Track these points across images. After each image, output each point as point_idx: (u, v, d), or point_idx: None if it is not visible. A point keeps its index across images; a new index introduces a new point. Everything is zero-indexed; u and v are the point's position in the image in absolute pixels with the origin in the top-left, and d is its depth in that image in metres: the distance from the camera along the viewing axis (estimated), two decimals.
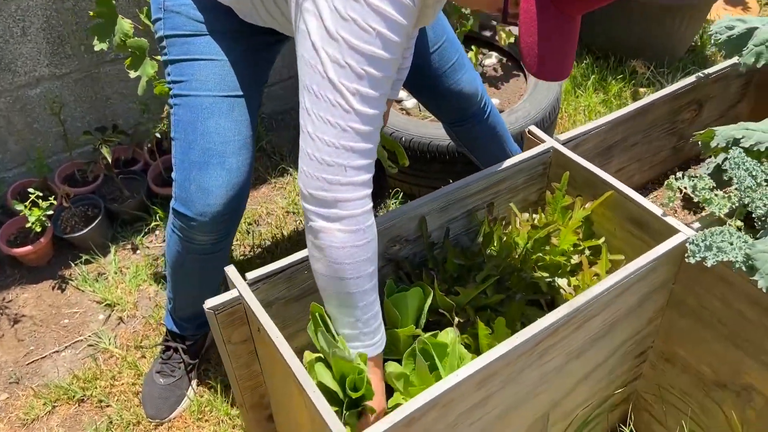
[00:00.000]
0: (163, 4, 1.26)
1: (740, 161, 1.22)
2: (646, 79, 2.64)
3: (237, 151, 1.28)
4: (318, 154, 0.93)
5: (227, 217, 1.32)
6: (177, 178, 1.30)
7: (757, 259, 1.08)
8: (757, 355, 1.17)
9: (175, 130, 1.30)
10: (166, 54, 1.28)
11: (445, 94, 1.60)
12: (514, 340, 1.03)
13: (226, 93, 1.27)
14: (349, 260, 0.98)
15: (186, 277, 1.47)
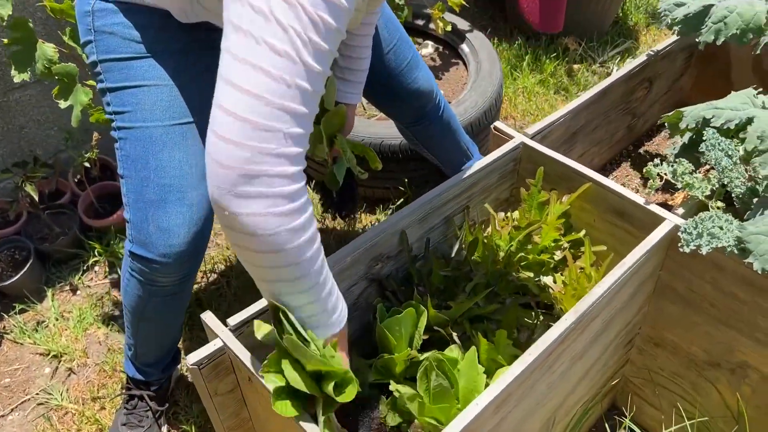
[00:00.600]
0: (93, 24, 1.12)
1: (715, 141, 1.21)
2: (578, 55, 2.66)
3: (196, 183, 1.17)
4: (251, 116, 0.73)
5: (192, 255, 1.21)
6: (132, 218, 1.18)
7: (749, 241, 1.08)
8: (751, 333, 1.18)
9: (124, 167, 1.16)
10: (103, 81, 1.15)
11: (402, 93, 1.53)
12: (527, 357, 0.99)
13: (176, 121, 1.15)
14: (287, 245, 0.80)
15: (149, 322, 1.34)
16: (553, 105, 2.44)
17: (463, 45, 2.28)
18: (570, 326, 1.03)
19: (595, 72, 2.61)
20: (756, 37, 1.32)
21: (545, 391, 1.12)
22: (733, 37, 1.32)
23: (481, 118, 2.00)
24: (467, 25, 2.34)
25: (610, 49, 2.71)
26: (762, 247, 1.07)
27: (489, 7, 2.98)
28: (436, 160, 1.81)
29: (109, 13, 1.11)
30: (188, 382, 1.64)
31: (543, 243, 1.32)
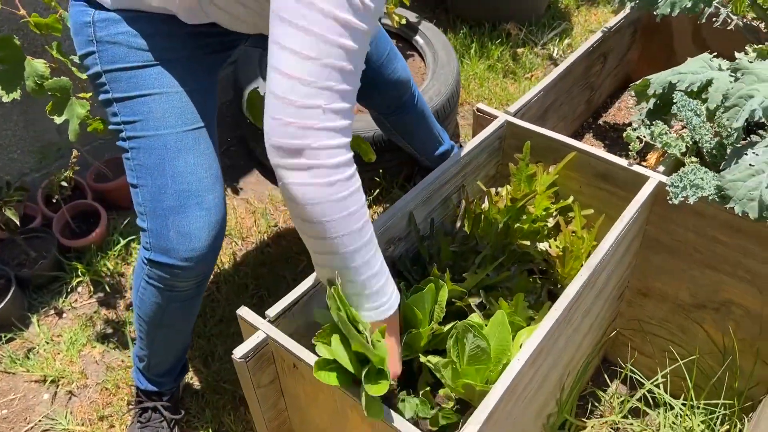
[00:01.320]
0: (94, 35, 1.12)
1: (685, 103, 1.33)
2: (520, 39, 2.79)
3: (211, 186, 1.19)
4: (292, 96, 0.81)
5: (211, 257, 1.23)
6: (150, 227, 1.18)
7: (728, 188, 1.20)
8: (734, 272, 1.31)
9: (138, 176, 1.17)
10: (108, 91, 1.15)
11: (382, 85, 1.59)
12: (554, 313, 1.07)
13: (188, 127, 1.16)
14: (329, 217, 0.87)
15: (166, 329, 1.35)
16: (505, 88, 2.56)
17: (417, 37, 2.36)
18: (585, 281, 1.12)
19: (537, 54, 2.75)
20: (705, 7, 1.45)
21: (563, 346, 1.20)
22: (687, 8, 1.45)
23: (445, 104, 2.08)
24: (416, 17, 2.42)
25: (548, 32, 2.85)
26: (740, 192, 1.19)
27: (428, 1, 3.08)
28: (411, 148, 1.88)
29: (111, 23, 1.12)
30: (195, 389, 1.64)
31: (536, 212, 1.41)
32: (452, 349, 1.15)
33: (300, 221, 0.89)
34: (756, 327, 1.34)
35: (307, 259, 1.92)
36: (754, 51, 1.43)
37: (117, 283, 1.89)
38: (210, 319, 1.79)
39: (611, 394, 1.56)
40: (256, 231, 2.04)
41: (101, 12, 1.12)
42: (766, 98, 1.22)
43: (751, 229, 1.23)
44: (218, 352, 1.70)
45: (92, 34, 1.13)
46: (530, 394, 1.13)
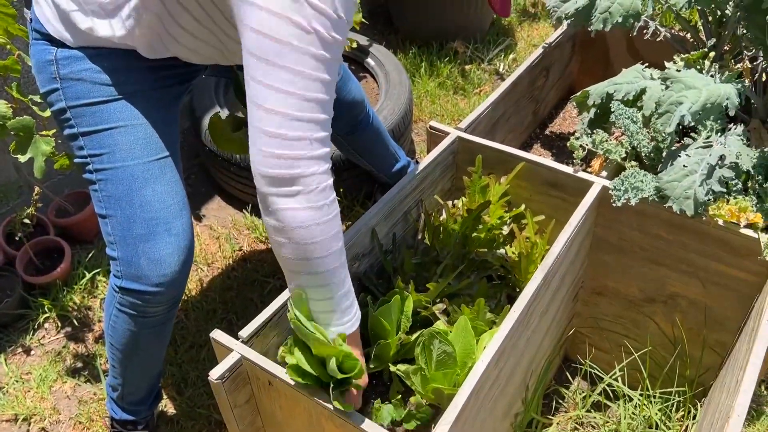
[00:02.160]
0: (58, 72, 1.16)
1: (622, 111, 1.43)
2: (467, 57, 2.89)
3: (179, 213, 1.23)
4: (279, 130, 0.89)
5: (181, 282, 1.27)
6: (121, 255, 1.21)
7: (666, 189, 1.30)
8: (677, 267, 1.40)
9: (107, 207, 1.20)
10: (74, 126, 1.19)
11: (338, 106, 1.64)
12: (513, 314, 1.14)
13: (154, 157, 1.21)
14: (317, 239, 0.95)
15: (139, 356, 1.37)
16: (456, 104, 2.65)
17: (368, 59, 2.43)
18: (540, 283, 1.20)
19: (485, 70, 2.86)
20: (635, 21, 1.56)
21: (524, 346, 1.27)
22: (618, 23, 1.56)
23: (399, 123, 2.15)
24: (366, 40, 2.50)
25: (494, 48, 2.97)
26: (677, 192, 1.28)
27: (377, 23, 3.17)
28: (369, 166, 1.94)
29: (74, 60, 1.15)
30: (170, 416, 1.66)
31: (492, 221, 1.49)
32: (420, 356, 1.21)
33: (284, 247, 0.96)
34: (701, 316, 1.43)
35: (274, 280, 1.96)
36: (681, 60, 1.54)
37: (84, 317, 1.89)
38: (180, 346, 1.80)
39: (574, 390, 1.64)
40: (221, 256, 2.07)
41: (63, 50, 1.16)
42: (693, 104, 1.32)
43: (690, 225, 1.32)
44: (191, 378, 1.72)
45: (55, 72, 1.16)
46: (496, 394, 1.19)
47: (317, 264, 0.97)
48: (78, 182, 2.16)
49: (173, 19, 1.12)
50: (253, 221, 2.16)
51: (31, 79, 1.85)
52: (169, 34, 1.15)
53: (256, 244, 2.12)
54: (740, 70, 1.47)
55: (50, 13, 1.17)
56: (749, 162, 1.31)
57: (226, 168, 2.14)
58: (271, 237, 0.98)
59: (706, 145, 1.33)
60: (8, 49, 1.38)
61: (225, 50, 1.21)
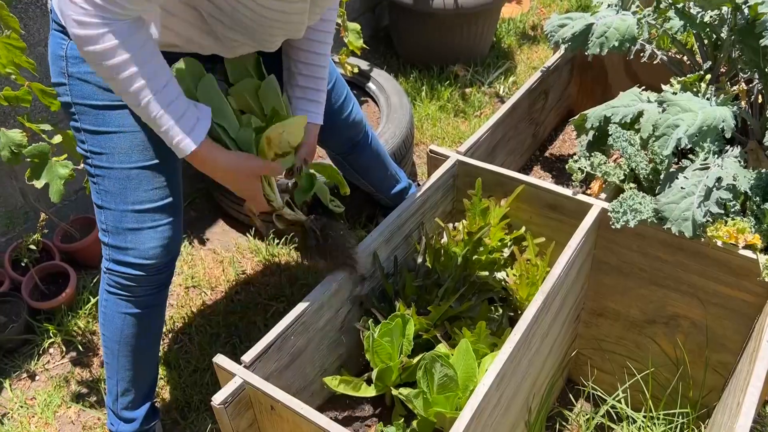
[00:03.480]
0: (66, 69, 1.22)
1: (619, 134, 1.44)
2: (467, 80, 2.93)
3: (169, 213, 1.31)
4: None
5: (167, 267, 1.36)
6: (111, 241, 1.31)
7: (664, 210, 1.31)
8: (677, 287, 1.41)
9: (103, 199, 1.29)
10: (77, 120, 1.25)
11: (340, 126, 1.68)
12: (514, 337, 1.14)
13: (150, 162, 1.27)
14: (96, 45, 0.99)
15: (132, 344, 1.42)
16: (456, 127, 2.68)
17: (369, 83, 2.46)
18: (540, 305, 1.20)
19: (485, 93, 2.89)
20: (631, 45, 1.59)
21: (525, 369, 1.28)
22: (614, 47, 1.58)
23: (401, 146, 2.17)
24: (367, 65, 2.53)
25: (494, 71, 3.00)
26: (675, 213, 1.29)
27: (378, 47, 3.21)
28: (370, 187, 1.96)
29: (82, 61, 1.20)
30: None
31: (492, 244, 1.50)
32: (422, 380, 1.22)
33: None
34: (702, 337, 1.44)
35: (278, 304, 1.97)
36: (678, 83, 1.56)
37: (89, 342, 1.90)
38: (184, 369, 1.81)
39: (577, 412, 1.63)
40: (225, 280, 2.08)
41: (74, 49, 1.20)
42: (689, 126, 1.33)
43: (689, 247, 1.33)
44: (194, 402, 1.73)
45: (65, 68, 1.22)
46: (498, 417, 1.19)
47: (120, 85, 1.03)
48: (83, 208, 2.18)
49: None
50: (256, 245, 2.18)
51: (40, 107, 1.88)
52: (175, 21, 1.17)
53: (260, 267, 2.13)
54: (736, 93, 1.49)
55: None
56: (746, 183, 1.33)
57: (230, 192, 2.16)
58: None
59: (704, 167, 1.35)
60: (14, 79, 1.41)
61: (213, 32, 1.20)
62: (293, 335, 1.21)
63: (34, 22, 1.81)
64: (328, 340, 1.32)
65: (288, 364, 1.23)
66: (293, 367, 1.25)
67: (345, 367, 1.41)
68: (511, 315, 1.48)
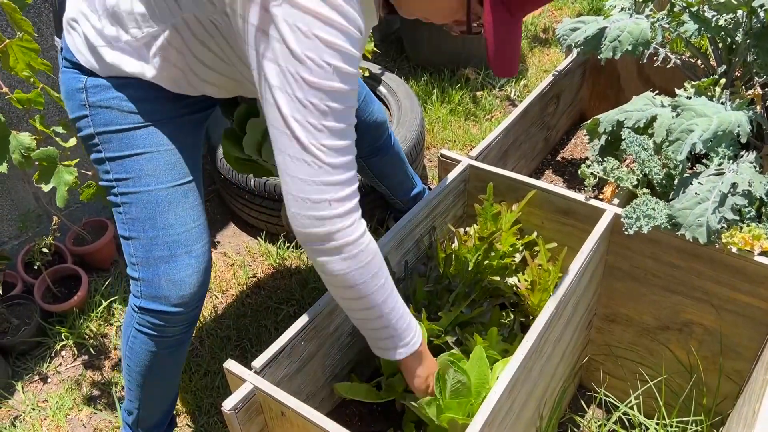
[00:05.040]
0: (87, 100, 1.20)
1: (633, 139, 1.43)
2: (479, 83, 2.92)
3: (199, 236, 1.27)
4: (302, 195, 0.97)
5: (199, 302, 1.30)
6: (142, 276, 1.25)
7: (678, 216, 1.30)
8: (691, 294, 1.39)
9: (130, 230, 1.24)
10: (101, 151, 1.23)
11: (361, 127, 1.66)
12: (526, 344, 1.13)
13: (178, 182, 1.25)
14: (359, 281, 1.04)
15: (156, 378, 1.39)
16: (467, 130, 2.67)
17: (380, 87, 2.46)
18: (552, 311, 1.19)
19: (496, 96, 2.88)
20: (644, 49, 1.58)
21: (537, 375, 1.27)
22: (627, 51, 1.57)
23: (411, 149, 2.17)
24: (379, 68, 2.53)
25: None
26: (689, 219, 1.28)
27: (389, 50, 3.21)
28: (387, 190, 1.95)
29: (103, 89, 1.19)
30: None
31: (504, 249, 1.49)
32: (435, 386, 1.21)
33: (334, 288, 1.07)
34: (716, 344, 1.42)
35: (288, 307, 1.97)
36: (692, 87, 1.54)
37: (101, 345, 1.91)
38: (195, 373, 1.81)
39: (589, 419, 1.62)
40: (236, 283, 2.09)
41: (93, 78, 1.20)
42: (704, 132, 1.32)
43: (703, 253, 1.32)
44: (205, 405, 1.73)
45: (85, 99, 1.21)
46: (510, 423, 1.18)
47: (366, 302, 1.06)
48: (95, 210, 2.19)
49: (195, 57, 1.16)
50: (266, 248, 2.18)
51: (54, 110, 1.89)
52: (193, 71, 1.19)
53: (270, 270, 2.13)
54: (751, 97, 1.48)
55: (81, 43, 1.21)
56: (762, 189, 1.31)
57: (241, 195, 2.17)
58: (324, 281, 1.07)
59: (718, 172, 1.33)
60: (32, 82, 1.42)
61: (248, 84, 1.24)
62: (304, 340, 1.21)
63: (47, 26, 1.82)
64: (339, 345, 1.32)
65: (298, 370, 1.23)
66: (304, 373, 1.24)
67: (355, 373, 1.40)
68: (522, 321, 1.47)
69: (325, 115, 0.93)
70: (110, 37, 1.16)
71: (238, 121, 1.41)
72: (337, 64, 0.91)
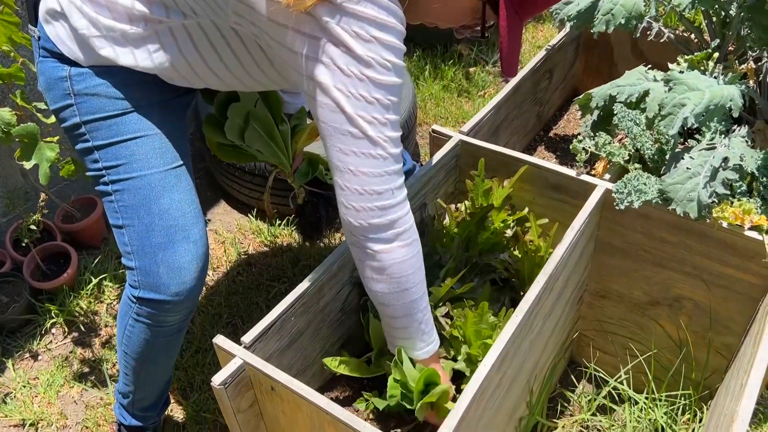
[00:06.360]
0: (72, 89, 1.17)
1: (624, 114, 1.42)
2: (471, 59, 2.89)
3: (195, 221, 1.24)
4: (367, 187, 1.00)
5: (198, 289, 1.28)
6: (139, 265, 1.21)
7: (669, 191, 1.29)
8: (682, 269, 1.39)
9: (124, 217, 1.21)
10: (89, 140, 1.19)
11: None
12: (515, 318, 1.13)
13: (170, 166, 1.22)
14: (411, 270, 1.07)
15: (152, 364, 1.38)
16: (460, 107, 2.65)
17: None
18: (543, 286, 1.19)
19: (489, 72, 2.85)
20: (637, 23, 1.56)
21: (527, 350, 1.27)
22: (620, 25, 1.56)
23: (404, 126, 2.15)
24: None
25: (498, 50, 2.96)
26: (680, 194, 1.28)
27: None
28: None
29: (88, 76, 1.16)
30: (176, 420, 1.66)
31: (495, 225, 1.48)
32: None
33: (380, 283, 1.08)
34: (706, 319, 1.42)
35: (279, 284, 1.96)
36: (685, 61, 1.53)
37: (91, 322, 1.91)
38: (186, 350, 1.81)
39: (579, 394, 1.63)
40: (227, 260, 2.08)
41: (76, 68, 1.17)
42: (696, 106, 1.31)
43: (693, 228, 1.32)
44: (196, 382, 1.73)
45: (69, 88, 1.17)
46: (499, 398, 1.18)
47: (407, 294, 1.08)
48: (84, 188, 2.17)
49: (205, 63, 1.15)
50: (257, 226, 2.17)
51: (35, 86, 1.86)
52: (196, 74, 1.18)
53: (261, 248, 2.12)
54: (744, 71, 1.47)
55: (65, 34, 1.17)
56: (753, 164, 1.31)
57: (231, 173, 2.15)
58: (366, 276, 1.09)
59: (710, 147, 1.33)
60: (12, 57, 1.39)
61: (246, 85, 1.23)
62: (294, 316, 1.20)
63: None
64: (329, 322, 1.32)
65: (288, 345, 1.23)
66: (294, 348, 1.24)
67: (346, 349, 1.40)
68: (513, 297, 1.47)
69: (387, 109, 0.98)
70: (106, 27, 1.12)
71: (218, 107, 1.39)
72: (394, 61, 0.97)
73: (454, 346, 1.32)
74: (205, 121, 1.43)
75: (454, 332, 1.30)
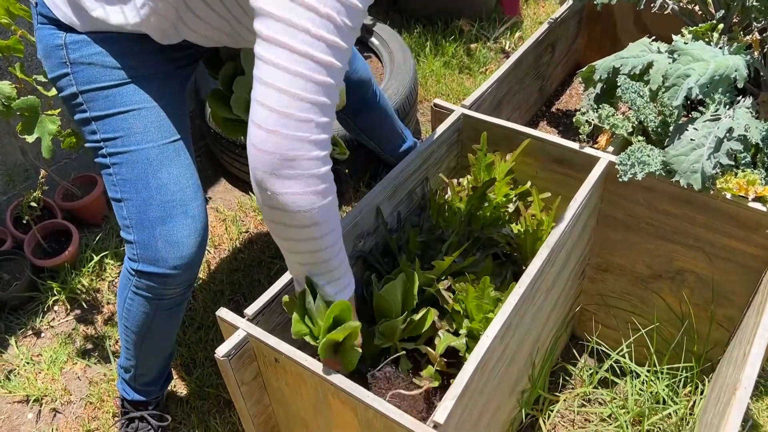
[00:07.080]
0: (68, 57, 1.15)
1: (628, 85, 1.41)
2: (473, 35, 2.86)
3: (194, 195, 1.23)
4: (287, 109, 0.84)
5: (197, 263, 1.27)
6: (137, 239, 1.21)
7: (673, 163, 1.28)
8: (684, 241, 1.39)
9: (122, 191, 1.20)
10: (86, 110, 1.18)
11: (346, 85, 1.64)
12: (518, 290, 1.13)
13: (168, 140, 1.21)
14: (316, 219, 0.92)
15: (153, 338, 1.38)
16: (461, 83, 2.63)
17: (372, 39, 2.41)
18: (545, 259, 1.19)
19: (490, 48, 2.83)
20: None
21: (529, 323, 1.27)
22: None
23: (404, 102, 2.14)
24: (370, 19, 2.48)
25: (499, 26, 2.94)
26: (684, 166, 1.27)
27: (381, 1, 3.14)
28: (376, 146, 1.94)
29: (84, 45, 1.15)
30: (180, 395, 1.67)
31: (497, 199, 1.48)
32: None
33: (284, 227, 0.94)
34: (708, 292, 1.42)
35: (281, 261, 1.96)
36: (689, 33, 1.51)
37: (93, 299, 1.91)
38: (189, 327, 1.82)
39: (581, 367, 1.64)
40: (228, 238, 2.07)
41: (72, 34, 1.15)
42: (701, 76, 1.30)
43: (697, 200, 1.31)
44: (199, 358, 1.74)
45: (65, 56, 1.16)
46: (501, 369, 1.19)
47: (317, 243, 0.96)
48: (84, 166, 2.16)
49: (188, 7, 1.12)
50: None
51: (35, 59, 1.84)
52: (183, 21, 1.15)
53: (263, 225, 2.12)
54: (749, 42, 1.45)
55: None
56: (758, 135, 1.30)
57: (232, 150, 2.14)
58: (268, 220, 0.95)
59: (714, 118, 1.31)
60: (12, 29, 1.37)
61: (236, 35, 1.20)
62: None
63: None
64: None
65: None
66: None
67: None
68: (515, 271, 1.47)
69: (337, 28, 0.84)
70: None
71: (224, 81, 1.38)
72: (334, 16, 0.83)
73: (456, 320, 1.32)
74: (210, 96, 1.41)
75: (456, 306, 1.30)
